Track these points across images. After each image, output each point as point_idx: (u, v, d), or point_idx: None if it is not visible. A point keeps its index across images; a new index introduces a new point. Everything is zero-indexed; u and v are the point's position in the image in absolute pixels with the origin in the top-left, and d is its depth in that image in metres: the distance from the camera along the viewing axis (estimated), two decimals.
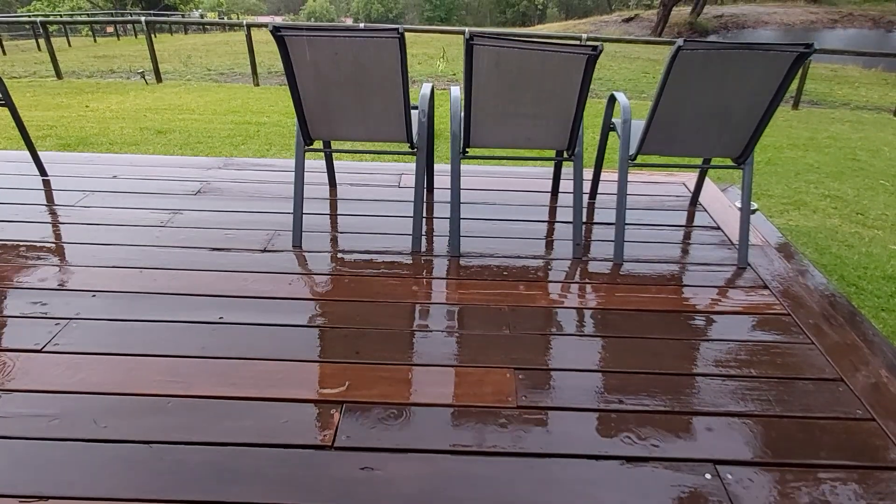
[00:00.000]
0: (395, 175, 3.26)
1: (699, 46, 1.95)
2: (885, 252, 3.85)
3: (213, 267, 2.31)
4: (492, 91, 2.17)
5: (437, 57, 14.45)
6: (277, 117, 7.13)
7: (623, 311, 2.12)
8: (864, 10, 34.36)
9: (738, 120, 2.21)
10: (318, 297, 2.15)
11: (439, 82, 11.53)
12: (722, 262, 2.47)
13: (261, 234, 2.57)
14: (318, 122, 2.35)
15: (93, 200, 2.86)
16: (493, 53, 2.04)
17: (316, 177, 3.13)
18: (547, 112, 2.22)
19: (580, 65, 2.03)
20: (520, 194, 3.10)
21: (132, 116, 6.99)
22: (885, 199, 5.00)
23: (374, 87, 2.20)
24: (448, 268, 2.37)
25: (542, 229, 2.76)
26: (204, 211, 2.79)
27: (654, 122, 2.22)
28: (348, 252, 2.47)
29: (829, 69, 15.87)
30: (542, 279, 2.31)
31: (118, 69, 12.41)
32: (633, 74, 13.58)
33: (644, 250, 2.56)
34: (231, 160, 3.50)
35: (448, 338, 1.94)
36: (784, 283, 2.32)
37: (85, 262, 2.31)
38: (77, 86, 9.68)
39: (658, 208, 3.00)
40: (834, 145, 7.04)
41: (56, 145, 5.32)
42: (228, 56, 15.08)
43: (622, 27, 31.93)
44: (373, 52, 2.08)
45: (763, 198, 4.88)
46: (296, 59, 2.14)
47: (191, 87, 9.74)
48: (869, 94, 12.22)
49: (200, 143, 5.72)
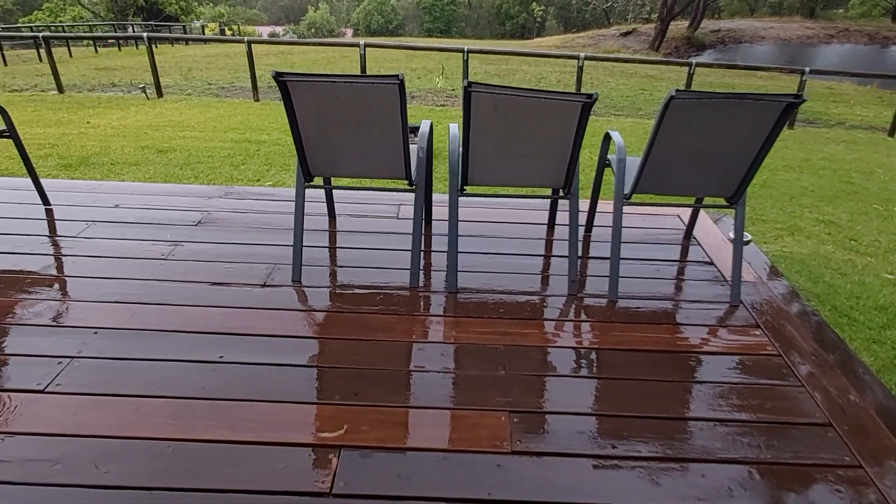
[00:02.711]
0: (394, 205, 3.30)
1: (691, 96, 2.00)
2: (877, 281, 3.89)
3: (213, 302, 2.34)
4: (490, 134, 2.22)
5: (435, 71, 14.58)
6: (277, 135, 7.19)
7: (617, 350, 2.16)
8: (860, 25, 34.69)
9: (730, 164, 2.26)
10: (317, 335, 2.19)
11: (438, 97, 11.63)
12: (715, 300, 2.51)
13: (261, 267, 2.61)
14: (318, 159, 2.39)
15: (95, 231, 2.90)
16: (490, 100, 2.09)
17: (315, 207, 3.17)
18: (543, 154, 2.27)
19: (575, 112, 2.08)
20: (516, 226, 3.14)
21: (133, 134, 7.03)
22: (878, 225, 5.06)
23: (373, 127, 2.24)
24: (445, 304, 2.41)
25: (539, 263, 2.80)
26: (205, 242, 2.83)
27: (648, 164, 2.27)
28: (347, 287, 2.51)
29: (824, 86, 16.04)
30: (537, 317, 2.35)
31: (119, 82, 12.49)
32: (630, 91, 13.70)
33: (638, 286, 2.60)
34: (231, 189, 3.54)
35: (444, 378, 1.97)
36: (776, 322, 2.36)
37: (87, 297, 2.34)
38: (78, 100, 9.74)
39: (652, 241, 3.04)
40: (829, 167, 7.12)
41: (57, 165, 5.35)
42: (229, 69, 15.19)
43: (620, 41, 32.16)
44: (373, 96, 2.13)
45: (758, 223, 4.93)
46: (297, 101, 2.19)
47: (191, 102, 9.80)
48: (864, 112, 12.33)
49: (201, 162, 5.76)
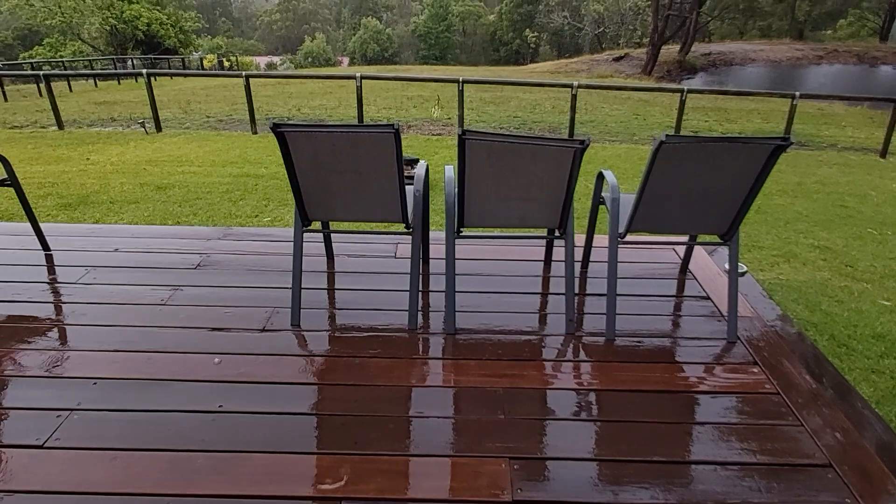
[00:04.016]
0: (392, 245, 3.33)
1: (680, 140, 2.04)
2: (874, 308, 3.91)
3: (212, 349, 2.35)
4: (485, 178, 2.26)
5: (431, 100, 14.77)
6: (275, 168, 7.25)
7: (616, 391, 2.16)
8: (848, 46, 35.23)
9: (722, 203, 2.29)
10: (317, 380, 2.19)
11: (434, 126, 11.76)
12: (712, 336, 2.53)
13: (260, 311, 2.62)
14: (316, 205, 2.42)
15: (95, 277, 2.91)
16: (485, 146, 2.13)
17: (313, 247, 3.20)
18: (538, 197, 2.30)
19: (568, 157, 2.12)
20: (513, 264, 3.16)
21: (132, 170, 7.09)
22: (873, 249, 5.09)
23: (370, 174, 2.28)
24: (444, 346, 2.42)
25: (536, 301, 2.82)
26: (204, 286, 2.84)
27: (641, 205, 2.30)
28: (346, 329, 2.52)
29: (815, 108, 16.25)
30: (536, 357, 2.36)
31: (119, 117, 12.62)
32: (624, 117, 13.86)
33: (635, 324, 2.61)
34: (230, 230, 3.57)
35: (444, 424, 1.97)
36: (773, 359, 2.37)
37: (86, 346, 2.35)
38: (78, 136, 9.84)
39: (648, 277, 3.06)
40: (822, 191, 7.18)
41: (57, 205, 5.39)
42: (227, 101, 15.36)
43: (613, 66, 32.63)
44: (369, 144, 2.17)
45: (753, 250, 4.96)
46: (294, 150, 2.22)
47: (190, 136, 9.90)
48: (855, 134, 12.48)
49: (200, 198, 5.81)
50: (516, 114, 13.85)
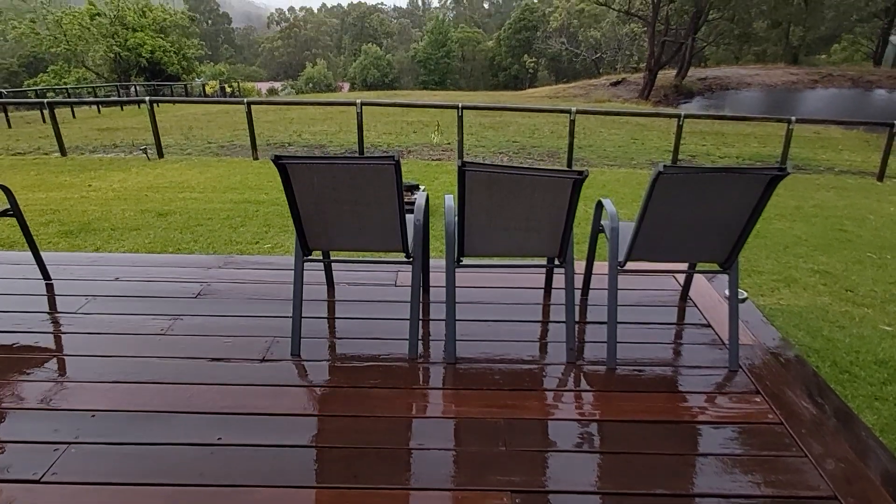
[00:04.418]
0: (392, 273, 3.33)
1: (678, 171, 2.06)
2: (875, 333, 3.90)
3: (212, 380, 2.34)
4: (484, 209, 2.27)
5: (431, 125, 14.90)
6: (275, 194, 7.29)
7: (618, 421, 2.15)
8: (843, 70, 35.69)
9: (720, 232, 2.30)
10: (317, 412, 2.18)
11: (434, 151, 11.85)
12: (713, 364, 2.52)
13: (260, 341, 2.62)
14: (316, 235, 2.43)
15: (95, 306, 2.91)
16: (484, 177, 2.15)
17: (314, 275, 3.20)
18: (538, 226, 2.32)
19: (567, 188, 2.14)
20: (513, 291, 3.17)
21: (134, 196, 7.14)
22: (872, 274, 5.10)
23: (371, 205, 2.30)
24: (444, 376, 2.41)
25: (536, 330, 2.81)
26: (204, 316, 2.84)
27: (640, 234, 2.31)
28: (346, 359, 2.51)
29: (811, 131, 16.38)
30: (537, 387, 2.35)
31: (121, 143, 12.73)
32: (622, 141, 13.98)
33: (636, 352, 2.61)
34: (231, 258, 3.58)
35: (445, 456, 1.95)
36: (776, 388, 2.36)
37: (85, 377, 2.34)
38: (80, 162, 9.91)
39: (648, 304, 3.06)
40: (820, 214, 7.21)
41: (58, 233, 5.41)
42: (228, 127, 15.50)
43: (610, 90, 33.02)
44: (370, 176, 2.19)
45: (753, 275, 4.96)
46: (296, 182, 2.24)
47: (191, 162, 9.97)
48: (852, 157, 12.57)
49: (201, 225, 5.83)
50: (515, 138, 13.97)
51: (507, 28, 61.25)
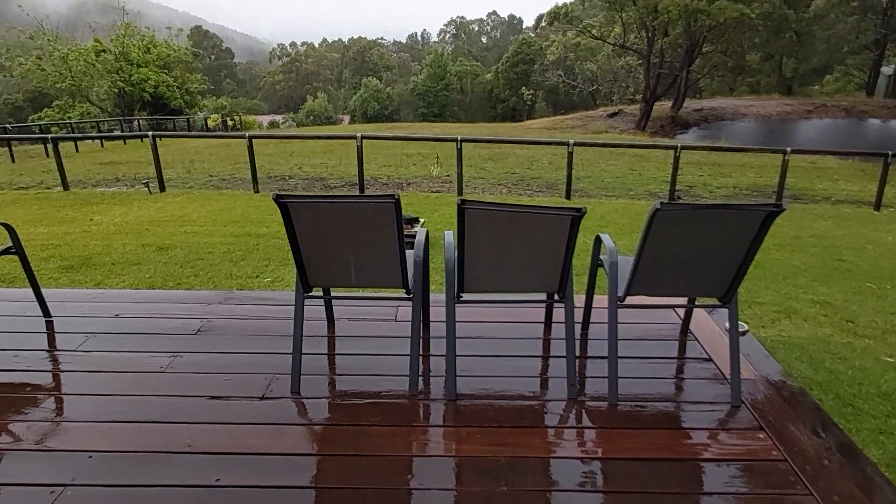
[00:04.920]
0: (392, 308, 3.33)
1: (675, 208, 2.09)
2: (877, 365, 3.88)
3: (211, 419, 2.32)
4: (484, 246, 2.29)
5: (430, 157, 15.05)
6: (276, 227, 7.32)
7: (621, 459, 2.12)
8: (836, 100, 36.23)
9: (719, 267, 2.32)
10: (317, 451, 2.16)
11: (433, 183, 11.94)
12: (716, 400, 2.50)
13: (260, 378, 2.60)
14: (317, 272, 2.45)
15: (94, 343, 2.91)
16: (483, 215, 2.17)
17: (314, 311, 3.19)
18: (537, 263, 2.33)
19: (565, 224, 2.16)
20: (513, 326, 3.16)
21: (135, 231, 7.17)
22: (873, 304, 5.09)
23: (371, 243, 2.32)
24: (444, 413, 2.39)
25: (537, 365, 2.81)
26: (204, 352, 2.83)
27: (639, 269, 2.33)
28: (346, 396, 2.50)
29: (807, 161, 16.54)
30: (538, 424, 2.33)
31: (123, 177, 12.85)
32: (620, 171, 14.10)
33: (638, 387, 2.59)
34: (231, 294, 3.58)
35: (446, 497, 1.93)
36: (779, 423, 2.34)
37: (83, 416, 2.32)
38: (83, 196, 9.98)
39: (649, 338, 3.06)
40: (819, 244, 7.23)
41: (59, 268, 5.42)
42: (230, 160, 15.65)
43: (607, 122, 33.45)
44: (370, 214, 2.22)
45: (753, 306, 4.96)
46: (297, 220, 2.27)
47: (193, 196, 10.05)
48: (848, 186, 12.67)
49: (201, 259, 5.85)
50: (514, 170, 14.10)
51: (505, 61, 62.35)
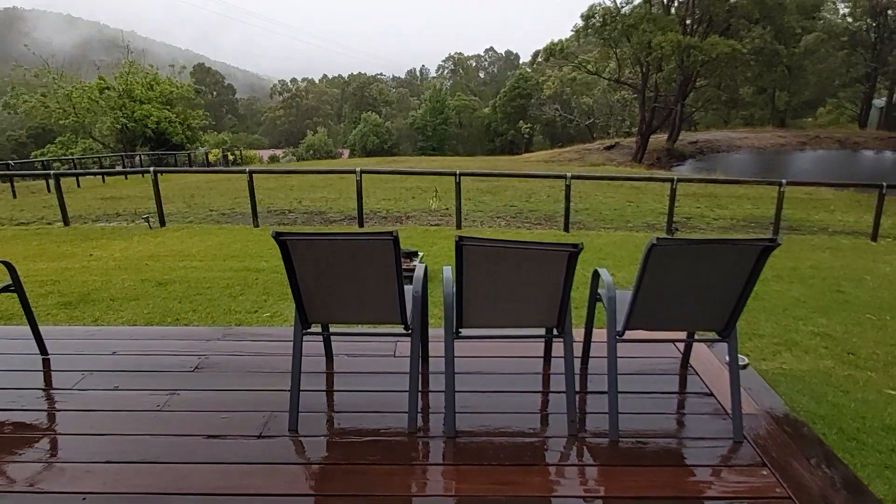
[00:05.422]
0: (391, 343, 3.32)
1: (671, 243, 2.10)
2: (880, 398, 3.85)
3: (207, 458, 2.29)
4: (483, 282, 2.30)
5: (429, 190, 15.17)
6: (275, 261, 7.34)
7: (623, 498, 2.09)
8: (830, 132, 36.77)
9: (716, 301, 2.32)
10: (314, 491, 2.13)
11: (432, 217, 12.01)
12: (717, 436, 2.48)
13: (257, 416, 2.58)
14: (316, 308, 2.45)
15: (91, 382, 2.89)
16: (481, 251, 2.19)
17: (313, 347, 3.18)
18: (535, 298, 2.34)
19: (563, 260, 2.18)
20: (512, 361, 3.15)
21: (134, 266, 7.18)
22: (873, 336, 5.07)
23: (370, 279, 2.33)
24: (444, 451, 2.36)
25: (537, 401, 2.78)
26: (201, 390, 2.81)
27: (637, 304, 2.33)
28: (344, 434, 2.47)
29: (803, 192, 16.66)
30: (539, 461, 2.30)
31: (124, 212, 12.91)
32: (617, 204, 14.21)
33: (639, 423, 2.57)
34: (230, 330, 3.57)
35: None
36: (783, 459, 2.31)
37: (77, 457, 2.29)
38: (83, 232, 10.02)
39: (649, 373, 3.04)
40: (817, 276, 7.24)
41: (57, 304, 5.41)
42: (230, 194, 15.76)
43: (605, 154, 33.83)
44: (369, 251, 2.23)
45: (754, 338, 4.94)
46: (296, 257, 2.28)
47: (193, 230, 10.09)
48: (845, 217, 12.75)
49: (200, 294, 5.84)
50: (512, 203, 14.20)
51: (503, 96, 63.33)
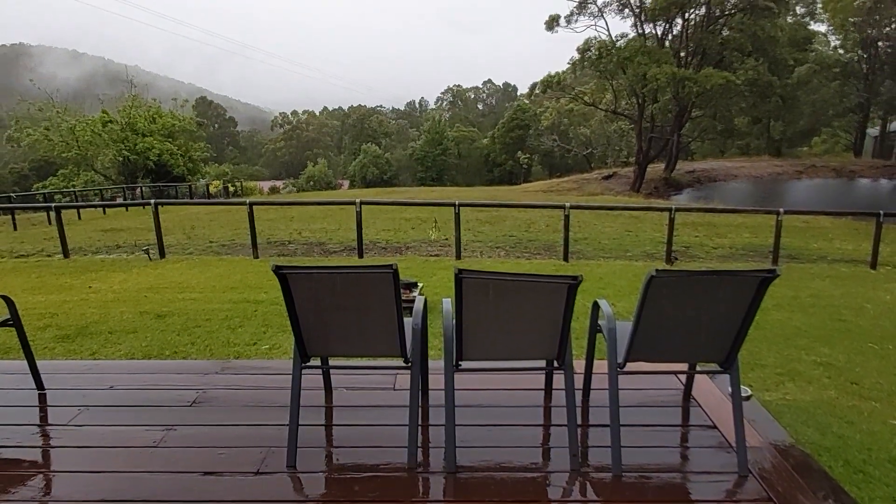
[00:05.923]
0: (391, 376, 3.29)
1: (670, 275, 2.11)
2: (885, 428, 3.80)
3: (203, 496, 2.25)
4: (482, 314, 2.30)
5: (428, 221, 15.23)
6: (274, 293, 7.32)
7: None
8: (825, 161, 37.13)
9: (717, 332, 2.32)
10: None
11: (432, 247, 12.04)
12: (722, 469, 2.44)
13: (255, 452, 2.54)
14: (315, 342, 2.44)
15: (87, 417, 2.85)
16: (481, 284, 2.19)
17: (312, 380, 3.15)
18: (535, 330, 2.33)
19: (562, 292, 2.18)
20: (513, 394, 3.12)
21: (133, 298, 7.16)
22: (876, 365, 5.04)
23: (369, 312, 2.32)
24: (444, 487, 2.32)
25: (538, 434, 2.75)
26: (198, 425, 2.78)
27: (637, 336, 2.32)
28: (343, 470, 2.43)
29: (801, 221, 16.75)
30: (541, 498, 2.26)
31: (124, 244, 12.94)
32: (616, 233, 14.25)
33: (642, 457, 2.53)
34: (228, 363, 3.55)
35: None
36: (789, 493, 2.28)
37: (72, 496, 2.25)
38: (82, 264, 10.02)
39: (651, 405, 3.01)
40: (818, 304, 7.23)
41: (55, 337, 5.38)
42: (230, 226, 15.82)
43: (602, 184, 34.08)
44: (369, 284, 2.23)
45: (756, 368, 4.91)
46: (295, 290, 2.28)
47: (192, 262, 10.09)
48: (843, 245, 12.78)
49: (199, 326, 5.81)
50: (512, 233, 14.24)
51: (501, 127, 64.16)
